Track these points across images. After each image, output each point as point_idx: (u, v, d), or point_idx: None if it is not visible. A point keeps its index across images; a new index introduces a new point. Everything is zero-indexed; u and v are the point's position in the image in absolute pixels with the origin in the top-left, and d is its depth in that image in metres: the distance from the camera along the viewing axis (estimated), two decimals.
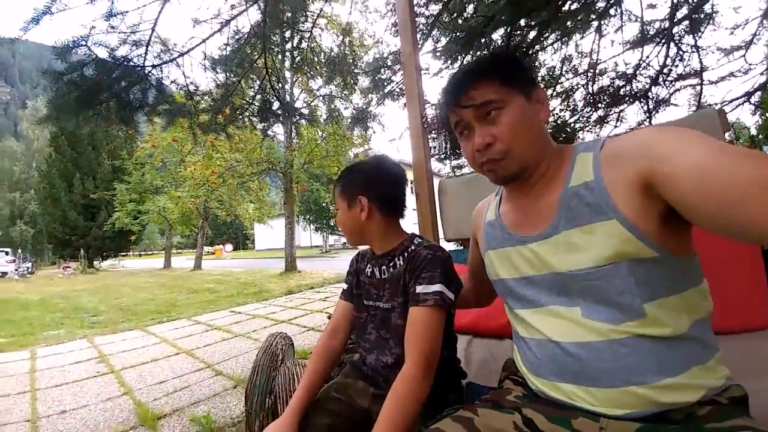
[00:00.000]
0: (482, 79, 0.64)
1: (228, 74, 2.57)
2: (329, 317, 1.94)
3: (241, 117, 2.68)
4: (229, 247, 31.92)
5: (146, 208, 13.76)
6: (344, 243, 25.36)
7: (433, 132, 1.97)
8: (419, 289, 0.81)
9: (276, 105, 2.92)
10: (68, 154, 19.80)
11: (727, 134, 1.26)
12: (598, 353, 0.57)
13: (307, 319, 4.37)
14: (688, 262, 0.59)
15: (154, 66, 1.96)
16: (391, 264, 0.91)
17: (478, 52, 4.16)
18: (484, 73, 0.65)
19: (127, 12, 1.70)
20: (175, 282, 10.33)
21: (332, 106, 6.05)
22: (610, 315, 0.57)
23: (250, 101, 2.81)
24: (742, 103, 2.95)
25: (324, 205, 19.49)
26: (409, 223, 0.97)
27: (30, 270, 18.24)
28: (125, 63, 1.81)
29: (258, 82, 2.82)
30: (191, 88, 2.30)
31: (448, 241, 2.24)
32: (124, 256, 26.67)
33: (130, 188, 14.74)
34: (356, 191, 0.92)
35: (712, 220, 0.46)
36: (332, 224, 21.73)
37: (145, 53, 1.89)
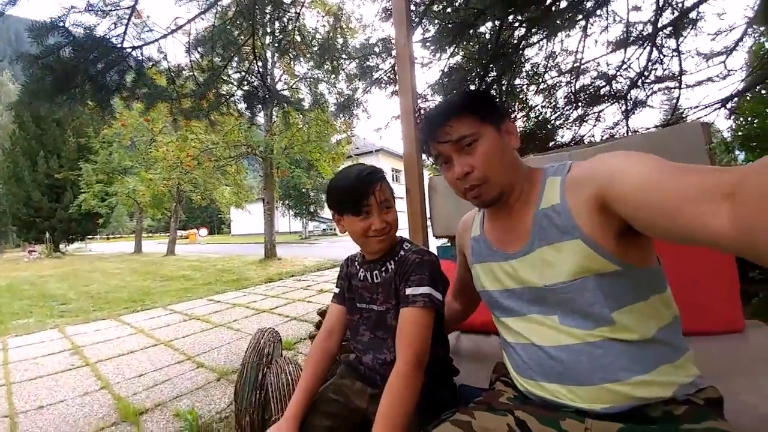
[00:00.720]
0: (457, 116, 0.72)
1: (213, 57, 2.43)
2: (321, 314, 1.94)
3: (225, 103, 2.56)
4: (203, 231, 31.00)
5: (114, 190, 13.09)
6: (324, 229, 25.18)
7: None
8: (409, 291, 0.85)
9: (262, 91, 2.81)
10: (32, 131, 18.43)
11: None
12: (576, 355, 0.65)
13: (290, 309, 4.34)
14: (650, 271, 0.66)
15: (134, 48, 1.83)
16: (383, 269, 0.94)
17: (468, 45, 4.16)
18: (458, 110, 0.72)
19: None
20: (148, 268, 9.98)
21: (317, 91, 5.89)
22: (584, 322, 0.65)
23: (237, 86, 2.68)
24: (719, 108, 3.09)
25: (304, 190, 19.17)
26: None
27: None
28: (103, 43, 1.68)
29: (244, 66, 2.69)
30: (174, 71, 2.17)
31: (437, 237, 2.27)
32: (91, 239, 25.42)
33: (96, 168, 13.90)
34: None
35: (657, 229, 0.51)
36: (311, 210, 21.43)
37: (124, 33, 1.75)
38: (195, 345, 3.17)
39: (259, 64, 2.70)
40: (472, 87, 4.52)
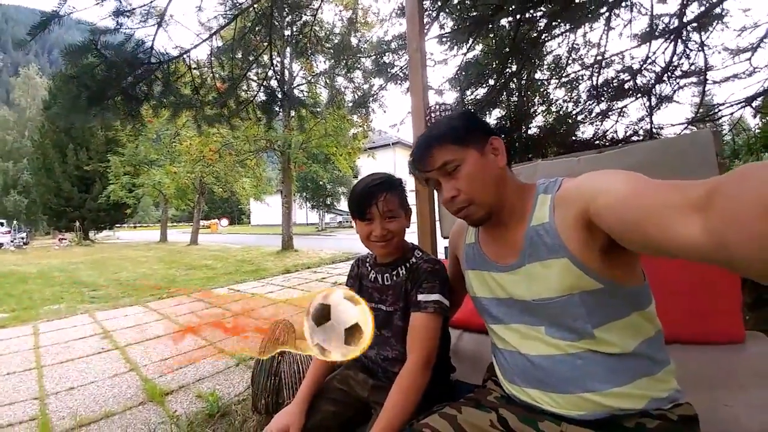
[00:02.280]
0: (438, 145, 0.76)
1: (233, 67, 2.53)
2: None
3: (245, 109, 2.67)
4: (224, 221, 31.94)
5: (141, 182, 13.64)
6: (340, 221, 25.46)
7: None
8: (421, 297, 0.92)
9: (279, 95, 2.89)
10: (61, 125, 19.37)
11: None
12: (558, 364, 0.69)
13: (305, 299, 4.48)
14: (634, 289, 0.68)
15: (160, 62, 1.94)
16: (394, 272, 1.01)
17: (486, 40, 4.11)
18: (439, 139, 0.76)
19: (134, 9, 1.67)
20: (173, 257, 10.40)
21: (333, 86, 5.94)
22: (568, 335, 0.69)
23: (255, 94, 2.79)
24: (744, 107, 2.97)
25: (321, 183, 19.40)
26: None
27: (25, 241, 18.15)
28: (132, 60, 1.79)
29: (263, 73, 2.78)
30: (197, 81, 2.28)
31: (446, 237, 2.31)
32: (119, 227, 26.60)
33: (124, 160, 14.52)
34: (408, 202, 1.03)
35: (634, 242, 0.53)
36: (328, 203, 21.70)
37: (151, 48, 1.86)
38: (216, 332, 3.34)
39: (276, 69, 2.79)
40: (491, 81, 4.47)
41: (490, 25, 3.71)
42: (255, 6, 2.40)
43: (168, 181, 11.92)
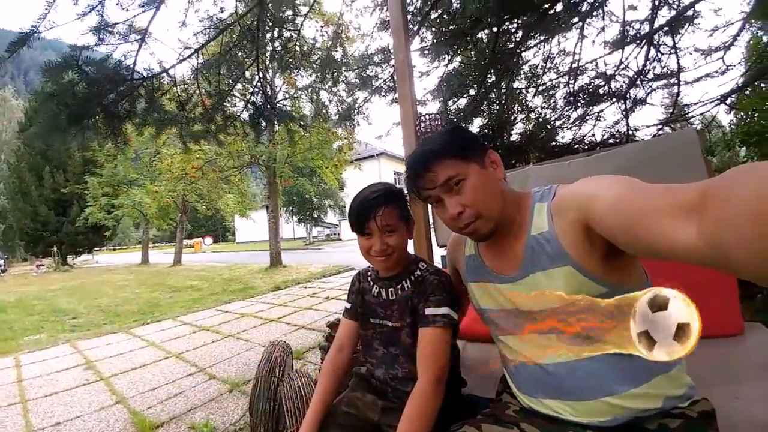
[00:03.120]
0: (438, 161, 0.73)
1: (219, 82, 2.49)
2: (330, 327, 1.98)
3: (232, 124, 2.62)
4: (209, 240, 31.19)
5: (120, 202, 13.23)
6: (328, 234, 25.22)
7: (424, 137, 1.99)
8: (428, 311, 0.88)
9: (266, 110, 2.87)
10: (37, 147, 18.76)
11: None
12: (574, 371, 0.68)
13: (297, 317, 4.38)
14: (637, 290, 0.68)
15: (144, 78, 1.89)
16: (398, 286, 0.97)
17: (466, 52, 4.20)
18: (439, 155, 0.74)
19: (117, 24, 1.63)
20: (156, 279, 10.07)
21: (318, 100, 5.94)
22: (580, 340, 0.66)
23: (242, 109, 2.75)
24: (718, 104, 3.09)
25: (307, 197, 19.27)
26: None
27: (2, 268, 17.34)
28: (114, 76, 1.74)
29: (248, 88, 2.75)
30: (182, 97, 2.23)
31: (441, 246, 2.30)
32: (98, 251, 25.67)
33: (102, 181, 14.08)
34: (410, 214, 0.99)
35: (630, 245, 0.53)
36: (315, 216, 21.51)
37: (134, 64, 1.81)
38: (206, 356, 3.21)
39: (263, 83, 2.76)
40: (472, 91, 4.56)
41: (469, 38, 3.79)
42: (239, 22, 2.38)
43: (149, 201, 11.58)
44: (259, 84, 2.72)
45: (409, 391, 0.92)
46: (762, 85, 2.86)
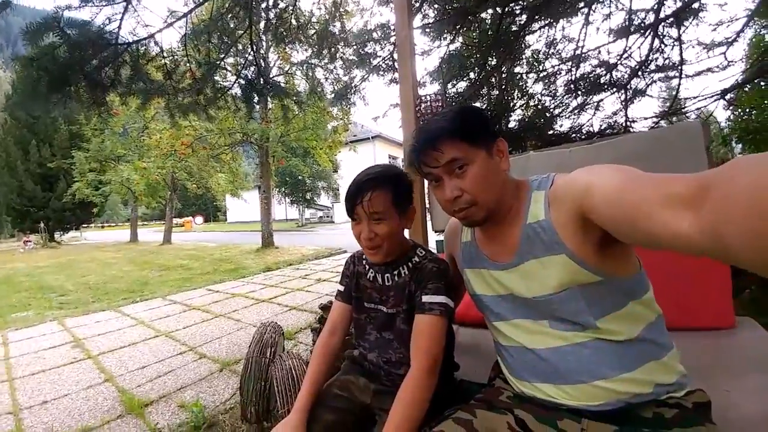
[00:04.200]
0: (448, 140, 0.72)
1: (210, 50, 2.36)
2: (323, 309, 1.96)
3: (222, 97, 2.50)
4: (199, 219, 30.90)
5: (108, 178, 12.88)
6: (320, 217, 25.13)
7: (425, 118, 1.94)
8: (426, 298, 0.86)
9: (260, 83, 2.74)
10: (23, 120, 18.07)
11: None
12: (566, 355, 0.69)
13: (289, 298, 4.37)
14: (630, 279, 0.69)
15: (129, 44, 1.78)
16: (395, 272, 0.95)
17: (469, 32, 4.09)
18: (448, 134, 0.72)
19: None
20: (145, 257, 9.96)
21: (313, 78, 5.76)
22: (572, 327, 0.69)
23: (234, 81, 2.62)
24: (718, 99, 3.07)
25: (300, 178, 19.06)
26: None
27: None
28: (98, 40, 1.62)
29: (241, 58, 2.62)
30: (170, 66, 2.11)
31: (436, 231, 2.27)
32: (86, 228, 25.22)
33: (89, 156, 13.63)
34: (408, 200, 0.92)
35: (628, 235, 0.54)
36: (308, 198, 21.33)
37: (119, 28, 1.70)
38: (196, 336, 3.20)
39: (257, 54, 2.63)
40: (472, 75, 4.46)
41: (473, 17, 3.68)
42: None
43: (137, 178, 11.23)
44: (251, 56, 2.59)
45: (402, 374, 0.91)
46: (762, 83, 2.84)
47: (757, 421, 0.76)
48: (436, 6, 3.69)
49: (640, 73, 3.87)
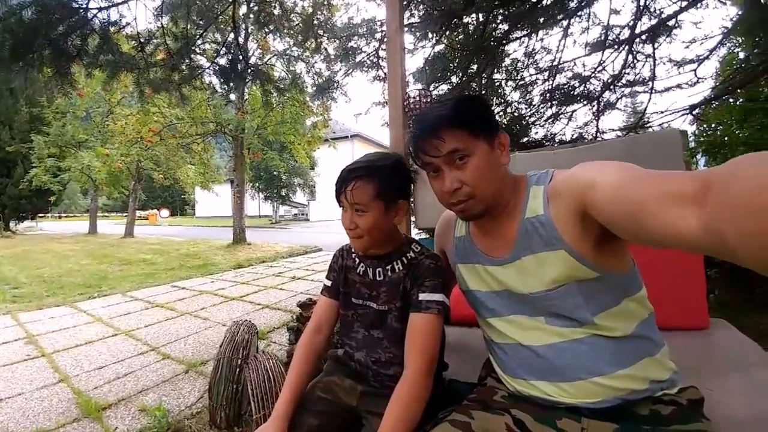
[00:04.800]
0: (450, 129, 0.69)
1: (188, 25, 2.20)
2: (301, 307, 1.89)
3: (199, 76, 2.34)
4: (165, 212, 29.41)
5: (68, 165, 11.99)
6: (295, 214, 24.66)
7: (412, 118, 1.92)
8: (422, 296, 0.83)
9: (241, 65, 2.59)
10: None
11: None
12: (563, 352, 0.68)
13: (262, 296, 4.23)
14: (625, 276, 0.70)
15: (99, 9, 1.63)
16: (388, 267, 0.91)
17: (453, 34, 4.11)
18: (450, 122, 0.70)
19: None
20: (105, 250, 9.36)
21: (294, 70, 5.62)
22: (569, 323, 0.69)
23: (213, 58, 2.45)
24: (685, 114, 3.24)
25: (276, 173, 18.59)
26: None
27: None
28: (66, 3, 1.47)
29: (222, 36, 2.45)
30: (143, 36, 1.94)
31: (420, 229, 2.25)
32: (42, 217, 23.46)
33: (49, 141, 12.60)
34: (397, 194, 0.87)
35: (630, 232, 0.53)
36: (283, 194, 20.84)
37: None
38: (159, 335, 3.01)
39: (237, 33, 2.47)
40: (454, 78, 4.50)
41: (458, 21, 3.71)
42: None
43: (98, 165, 10.46)
44: (232, 35, 2.44)
45: (391, 375, 0.87)
46: (730, 99, 3.02)
47: (747, 419, 0.78)
48: (423, 5, 3.69)
49: (612, 86, 4.05)
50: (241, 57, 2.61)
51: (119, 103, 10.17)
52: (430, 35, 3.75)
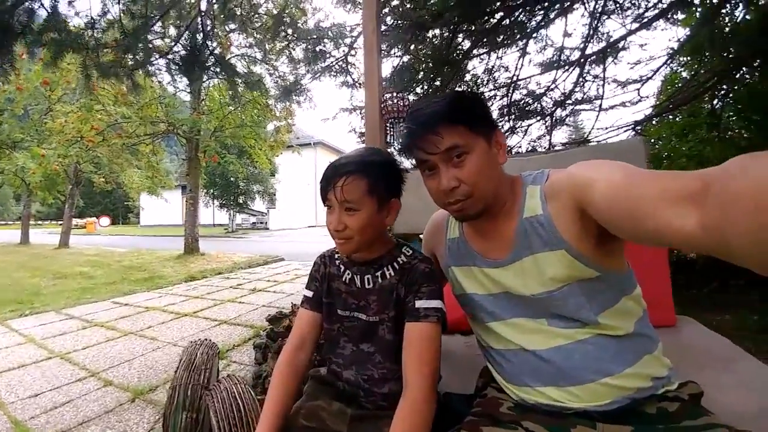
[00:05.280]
0: (448, 126, 0.67)
1: (148, 5, 1.98)
2: (270, 321, 1.75)
3: (156, 62, 2.11)
4: (105, 220, 26.88)
5: (1, 167, 10.54)
6: (253, 223, 23.65)
7: (389, 121, 1.88)
8: (419, 304, 0.77)
9: (206, 54, 2.36)
10: None
11: None
12: (570, 354, 0.66)
13: (218, 311, 3.94)
14: (623, 274, 0.70)
15: None
16: (378, 273, 0.83)
17: (419, 47, 4.20)
18: (449, 117, 0.67)
19: None
20: (37, 262, 8.36)
21: (255, 72, 5.39)
22: (572, 324, 0.67)
23: (173, 44, 2.20)
24: (628, 130, 3.55)
25: (233, 179, 17.73)
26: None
27: None
28: None
29: (185, 20, 2.21)
30: (96, 12, 1.72)
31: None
32: None
33: None
34: (390, 192, 0.81)
35: (628, 231, 0.54)
36: (241, 201, 19.89)
37: None
38: (100, 358, 2.68)
39: (203, 18, 2.26)
40: (419, 90, 4.59)
41: (427, 33, 3.79)
42: None
43: (33, 166, 9.30)
44: (198, 19, 2.22)
45: (386, 393, 0.79)
46: (670, 117, 3.35)
47: (745, 412, 0.77)
48: (391, 17, 3.72)
49: (563, 104, 4.35)
50: (205, 43, 2.37)
51: (60, 100, 9.15)
52: (399, 45, 3.79)
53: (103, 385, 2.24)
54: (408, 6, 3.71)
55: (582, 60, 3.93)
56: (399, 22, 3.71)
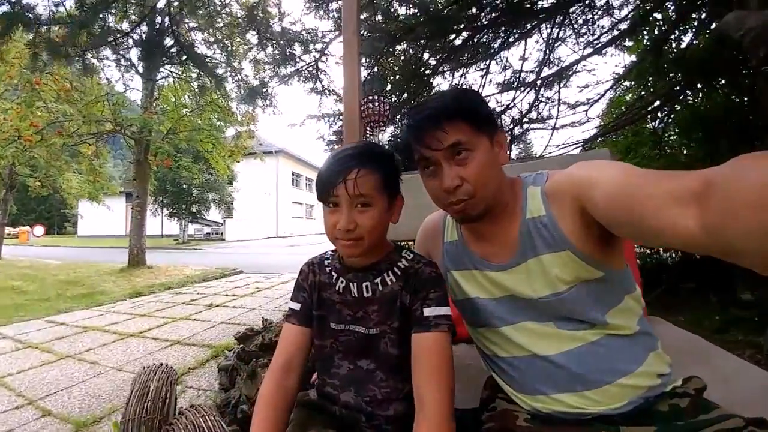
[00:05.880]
0: (452, 121, 0.66)
1: None
2: (239, 340, 1.62)
3: (113, 44, 1.91)
4: (39, 230, 24.06)
5: None
6: (207, 233, 22.38)
7: (369, 125, 1.85)
8: (428, 312, 0.70)
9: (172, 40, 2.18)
10: None
11: None
12: (583, 356, 0.65)
13: (169, 330, 3.61)
14: (623, 273, 0.71)
15: None
16: (377, 280, 0.75)
17: (392, 59, 4.28)
18: (453, 113, 0.66)
19: None
20: None
21: (214, 72, 5.14)
22: (581, 325, 0.67)
23: (136, 25, 2.01)
24: (577, 147, 3.85)
25: (185, 187, 16.66)
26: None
27: None
28: None
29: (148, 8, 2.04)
30: None
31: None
32: None
33: None
34: (397, 187, 0.76)
35: (629, 230, 0.54)
36: (194, 211, 18.69)
37: None
38: (35, 384, 2.35)
39: (173, 3, 2.09)
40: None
41: (399, 46, 3.88)
42: None
43: None
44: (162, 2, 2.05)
45: (392, 415, 0.72)
46: (613, 137, 3.67)
47: (728, 404, 0.76)
48: (369, 23, 3.74)
49: (520, 122, 4.65)
50: (171, 27, 2.19)
51: (0, 97, 8.11)
52: (371, 55, 3.83)
53: (41, 415, 1.96)
54: (379, 19, 3.77)
55: (537, 82, 4.22)
56: (370, 34, 3.75)
